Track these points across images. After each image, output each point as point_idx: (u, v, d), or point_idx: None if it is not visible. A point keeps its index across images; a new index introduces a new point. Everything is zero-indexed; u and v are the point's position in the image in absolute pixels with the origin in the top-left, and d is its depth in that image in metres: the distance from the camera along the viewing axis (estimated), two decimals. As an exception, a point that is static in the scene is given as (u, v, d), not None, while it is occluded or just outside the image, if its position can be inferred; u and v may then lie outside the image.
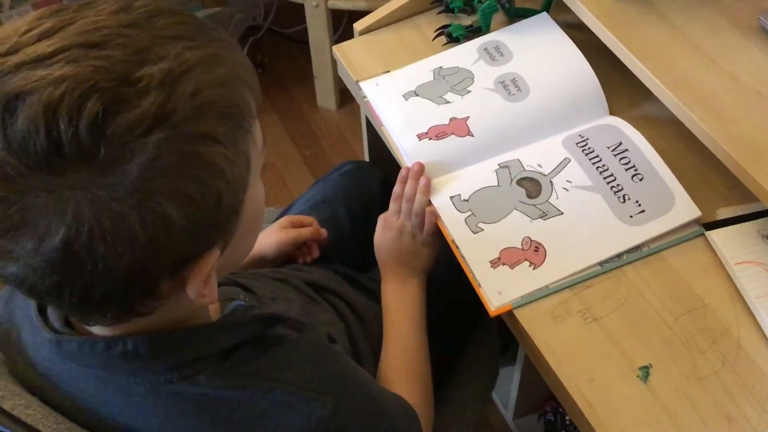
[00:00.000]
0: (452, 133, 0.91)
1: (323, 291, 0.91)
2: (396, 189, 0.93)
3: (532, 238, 0.83)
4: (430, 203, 0.88)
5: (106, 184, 0.45)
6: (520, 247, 0.82)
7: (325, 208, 1.05)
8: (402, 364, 0.84)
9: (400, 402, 0.74)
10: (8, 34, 0.48)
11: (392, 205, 0.93)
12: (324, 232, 1.00)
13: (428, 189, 0.89)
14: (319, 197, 1.08)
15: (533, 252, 0.82)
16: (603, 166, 0.87)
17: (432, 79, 0.97)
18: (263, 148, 0.57)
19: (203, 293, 0.54)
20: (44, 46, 0.46)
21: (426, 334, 0.87)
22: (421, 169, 0.90)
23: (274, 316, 0.65)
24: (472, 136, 0.91)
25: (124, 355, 0.56)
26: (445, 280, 0.91)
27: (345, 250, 1.02)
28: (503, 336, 1.01)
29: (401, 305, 0.88)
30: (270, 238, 0.96)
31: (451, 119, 0.92)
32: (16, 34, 0.48)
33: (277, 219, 1.03)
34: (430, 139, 0.91)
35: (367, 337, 0.88)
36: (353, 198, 1.06)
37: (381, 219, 0.93)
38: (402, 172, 0.93)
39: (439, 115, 0.93)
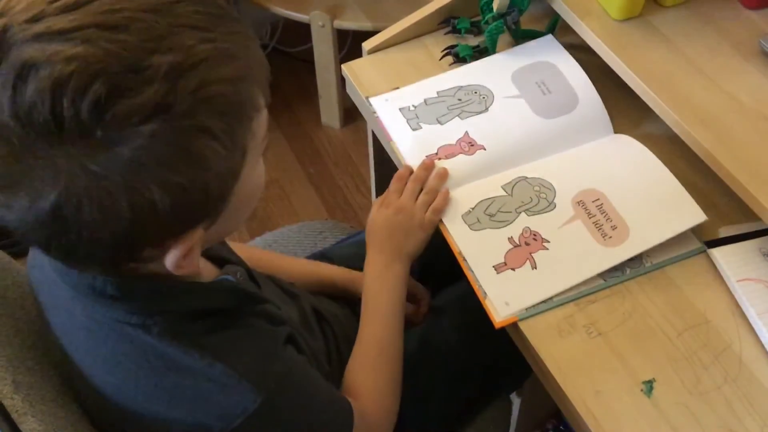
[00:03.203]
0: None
1: (325, 323, 0.90)
2: (402, 170, 0.92)
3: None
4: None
5: (98, 162, 0.48)
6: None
7: None
8: (373, 350, 0.83)
9: (341, 414, 0.73)
10: None
11: (394, 185, 0.91)
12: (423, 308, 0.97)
13: (446, 175, 0.89)
14: None
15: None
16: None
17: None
18: (265, 135, 0.59)
19: (181, 265, 0.56)
20: (65, 21, 0.48)
21: (401, 319, 0.86)
22: (432, 164, 0.91)
23: (254, 296, 0.65)
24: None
25: (92, 288, 0.59)
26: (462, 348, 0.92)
27: None
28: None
29: (382, 288, 0.86)
30: None
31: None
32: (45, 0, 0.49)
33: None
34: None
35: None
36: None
37: (377, 200, 0.92)
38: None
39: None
